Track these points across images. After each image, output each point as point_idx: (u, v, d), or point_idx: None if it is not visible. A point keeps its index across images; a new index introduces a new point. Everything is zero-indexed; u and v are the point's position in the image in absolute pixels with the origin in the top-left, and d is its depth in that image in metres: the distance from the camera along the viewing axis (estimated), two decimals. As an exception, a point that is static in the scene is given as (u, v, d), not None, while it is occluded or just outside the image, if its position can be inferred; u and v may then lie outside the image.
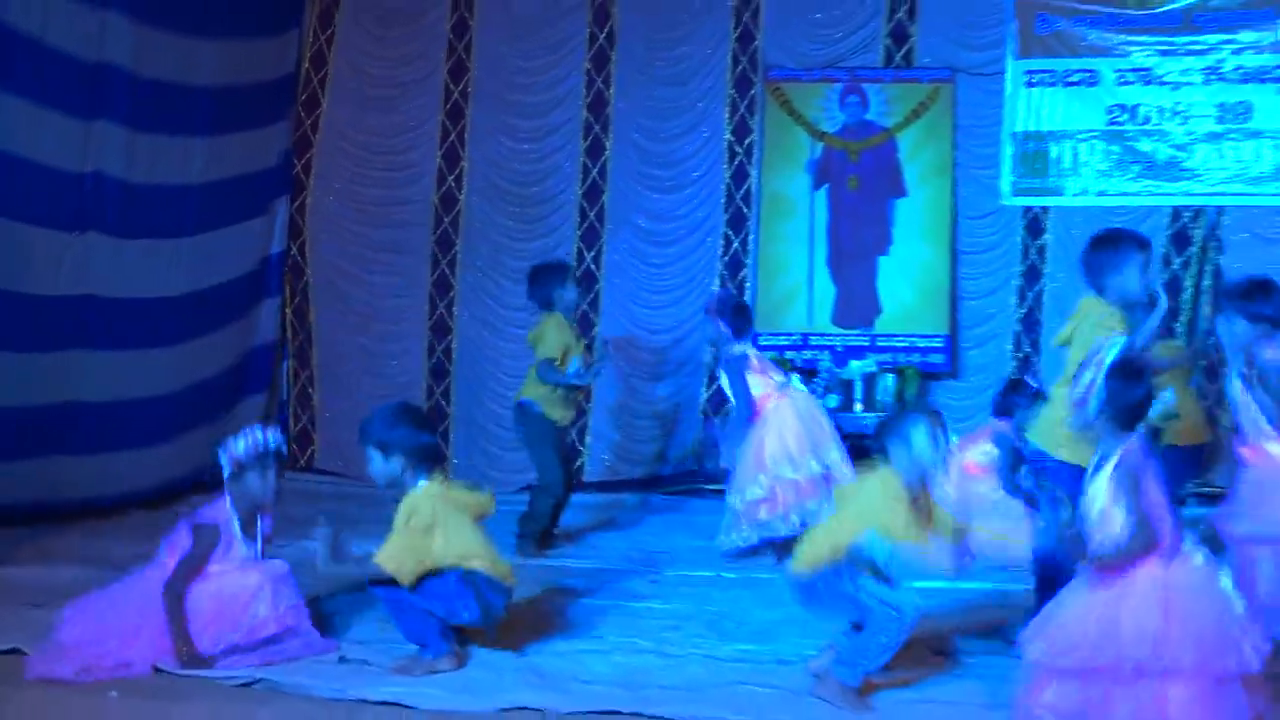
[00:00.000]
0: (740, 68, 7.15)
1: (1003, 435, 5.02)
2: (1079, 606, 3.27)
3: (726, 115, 7.19)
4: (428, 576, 4.07)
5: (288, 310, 7.67)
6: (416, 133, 7.38)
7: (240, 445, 4.28)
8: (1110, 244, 4.01)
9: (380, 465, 4.19)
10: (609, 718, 3.72)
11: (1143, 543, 3.24)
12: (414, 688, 3.98)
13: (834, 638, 3.78)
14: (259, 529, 4.29)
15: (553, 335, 5.70)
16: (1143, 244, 3.98)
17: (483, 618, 4.17)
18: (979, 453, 5.19)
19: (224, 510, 4.20)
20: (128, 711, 3.92)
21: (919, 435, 3.83)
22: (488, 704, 3.84)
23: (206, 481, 5.30)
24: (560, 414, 5.77)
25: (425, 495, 4.11)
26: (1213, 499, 5.12)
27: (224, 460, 4.27)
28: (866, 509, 3.90)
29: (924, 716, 3.59)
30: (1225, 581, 3.29)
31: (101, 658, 4.03)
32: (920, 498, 3.83)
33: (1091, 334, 3.78)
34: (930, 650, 3.94)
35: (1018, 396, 5.07)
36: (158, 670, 4.12)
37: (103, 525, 6.15)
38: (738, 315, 5.66)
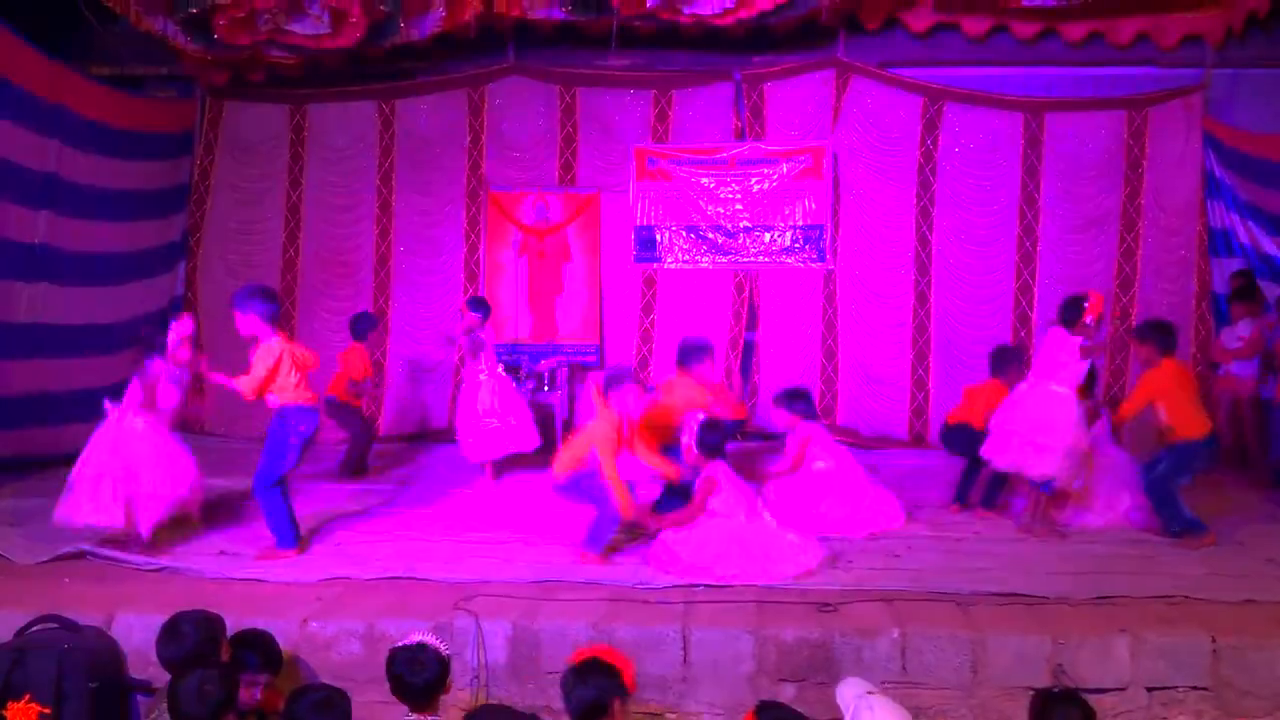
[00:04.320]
0: (472, 184, 9.46)
1: None
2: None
3: (465, 213, 9.49)
4: (275, 415, 5.45)
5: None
6: (269, 221, 9.62)
7: (183, 324, 5.68)
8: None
9: (242, 321, 5.40)
10: (391, 581, 5.12)
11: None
12: (269, 568, 5.31)
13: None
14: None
15: (357, 357, 7.88)
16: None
17: (311, 428, 5.49)
18: None
19: (162, 370, 5.58)
20: (76, 592, 4.90)
21: (628, 391, 5.53)
22: (315, 576, 5.24)
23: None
24: (353, 402, 7.90)
25: (275, 345, 5.46)
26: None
27: (170, 333, 5.55)
28: (594, 436, 5.45)
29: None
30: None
31: (101, 516, 5.30)
32: (626, 430, 5.50)
33: None
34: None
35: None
36: (91, 555, 5.32)
37: (62, 470, 6.39)
38: (481, 306, 7.78)
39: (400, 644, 3.54)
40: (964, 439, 6.74)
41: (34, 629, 3.77)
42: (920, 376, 9.24)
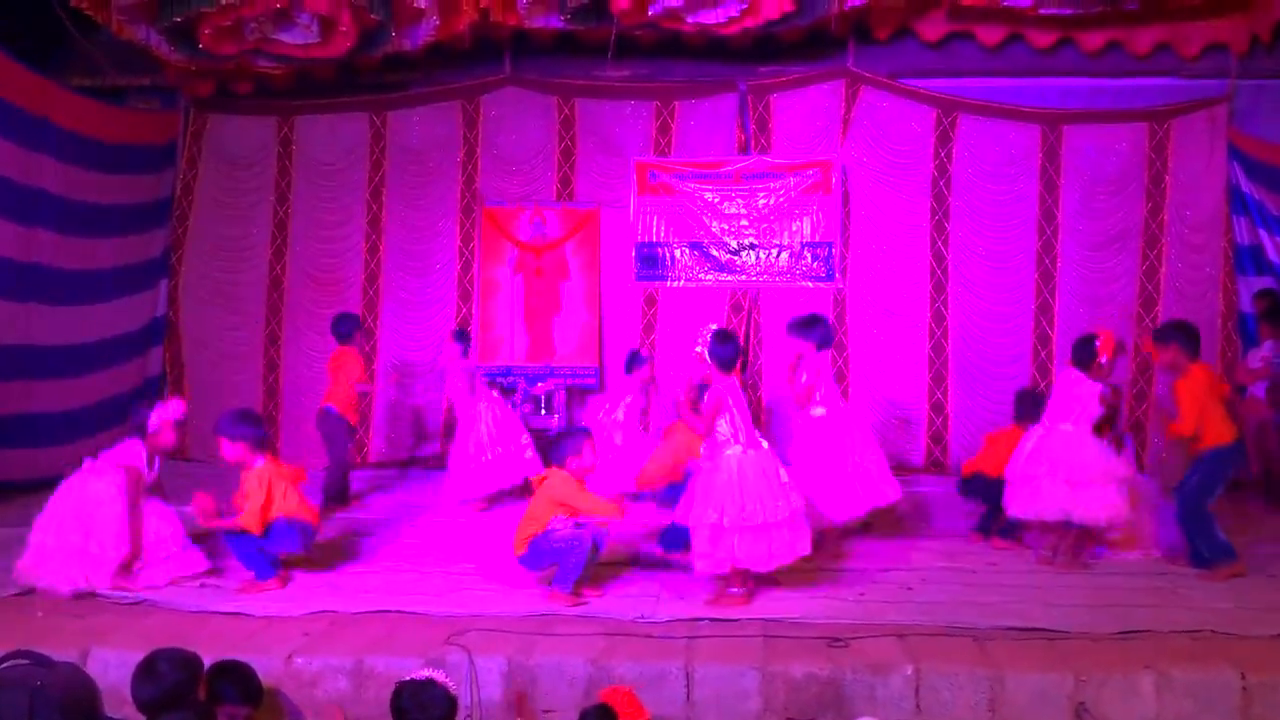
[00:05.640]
0: (466, 199, 9.51)
1: None
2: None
3: (458, 229, 9.53)
4: (268, 526, 5.42)
5: (168, 353, 9.65)
6: (254, 238, 9.68)
7: (170, 408, 5.74)
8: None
9: (229, 449, 5.50)
10: (380, 615, 5.06)
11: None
12: (251, 602, 5.25)
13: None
14: (156, 466, 5.68)
15: (350, 360, 7.76)
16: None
17: (301, 549, 5.56)
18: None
19: (139, 453, 5.61)
20: (49, 626, 4.81)
21: (584, 449, 5.49)
22: (300, 609, 5.11)
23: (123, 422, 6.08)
24: (352, 415, 7.86)
25: (263, 469, 5.50)
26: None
27: (153, 416, 5.61)
28: (557, 497, 5.40)
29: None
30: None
31: (58, 578, 5.23)
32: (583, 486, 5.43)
33: None
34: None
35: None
36: (77, 596, 5.23)
37: (37, 498, 6.37)
38: (462, 339, 7.93)
39: (407, 678, 3.51)
40: (981, 487, 6.71)
41: (4, 665, 3.73)
42: (938, 400, 9.23)
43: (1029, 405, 6.83)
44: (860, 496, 6.34)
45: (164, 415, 5.72)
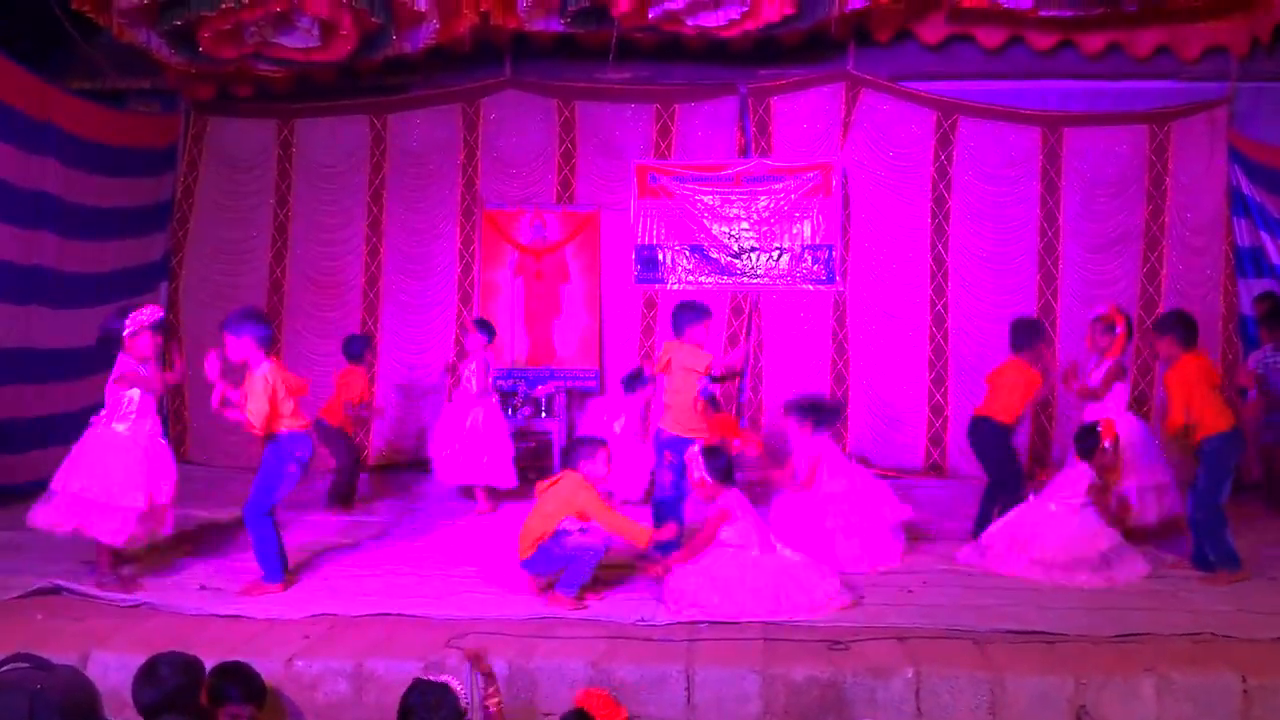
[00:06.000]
0: (466, 202, 9.52)
1: None
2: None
3: (459, 232, 9.54)
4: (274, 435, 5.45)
5: (166, 356, 9.57)
6: (254, 241, 9.68)
7: (144, 312, 5.57)
8: (692, 310, 6.14)
9: (234, 345, 5.38)
10: (380, 618, 5.09)
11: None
12: (252, 604, 5.25)
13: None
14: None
15: (356, 380, 7.86)
16: (703, 310, 6.12)
17: (310, 453, 5.53)
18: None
19: (129, 365, 5.51)
20: (49, 629, 4.82)
21: (599, 457, 5.56)
22: (300, 612, 5.15)
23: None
24: (347, 427, 7.88)
25: (268, 371, 5.46)
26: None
27: (126, 323, 5.42)
28: (577, 503, 5.40)
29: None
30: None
31: (87, 522, 5.33)
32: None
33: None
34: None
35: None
36: (67, 591, 5.29)
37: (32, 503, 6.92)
38: (485, 329, 7.90)
39: (425, 677, 3.55)
40: (988, 434, 6.69)
41: (4, 668, 3.72)
42: (937, 403, 9.24)
43: (1025, 333, 6.80)
44: (871, 556, 6.28)
45: (139, 320, 5.56)
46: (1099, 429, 6.15)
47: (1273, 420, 7.77)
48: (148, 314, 5.63)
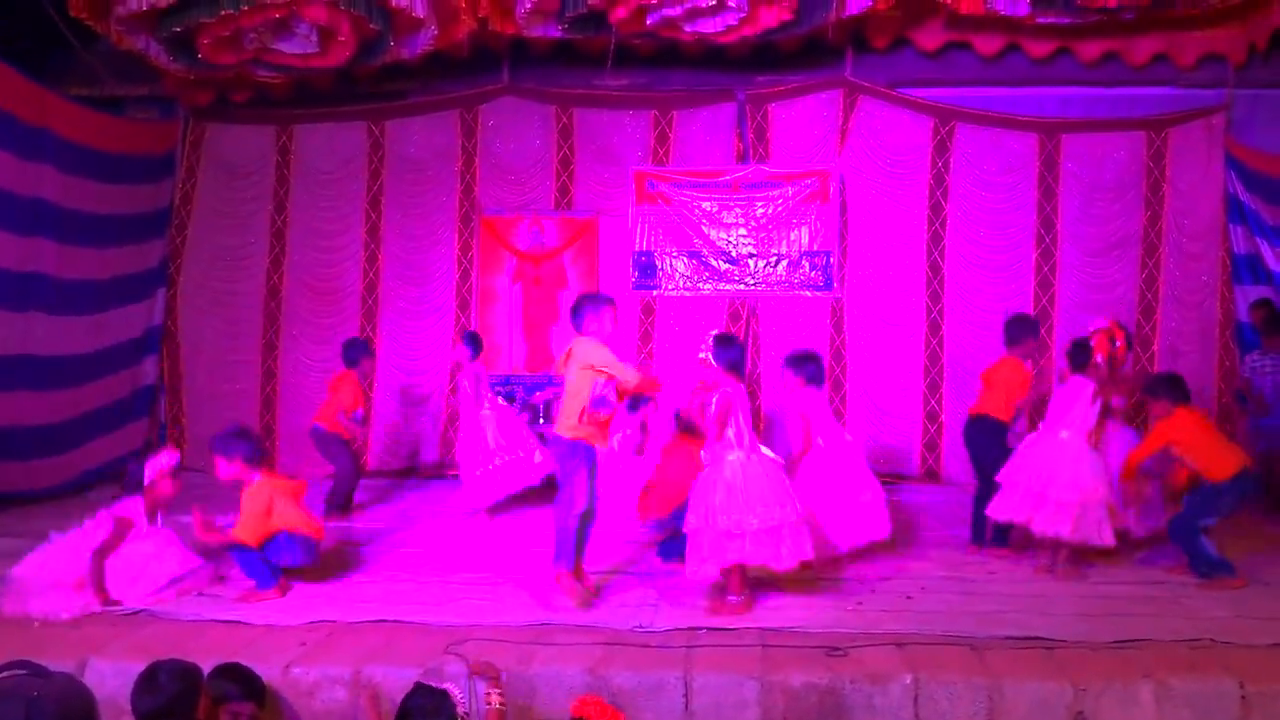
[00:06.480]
0: (464, 208, 9.53)
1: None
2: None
3: (457, 238, 9.54)
4: (268, 539, 5.45)
5: (164, 362, 9.67)
6: (252, 247, 9.68)
7: (162, 458, 5.70)
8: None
9: (225, 467, 5.51)
10: (378, 625, 5.06)
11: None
12: (249, 611, 5.27)
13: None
14: (159, 518, 5.64)
15: (349, 385, 7.71)
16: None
17: (305, 560, 5.57)
18: None
19: (138, 508, 5.58)
20: (46, 636, 4.88)
21: (604, 315, 5.47)
22: (298, 618, 5.14)
23: (119, 478, 6.19)
24: (342, 433, 7.70)
25: (261, 485, 5.51)
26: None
27: (146, 470, 5.57)
28: (595, 361, 5.34)
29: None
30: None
31: (56, 605, 5.14)
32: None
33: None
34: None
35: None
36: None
37: (31, 509, 7.39)
38: (472, 342, 7.87)
39: (426, 681, 3.57)
40: (985, 431, 6.67)
41: (0, 675, 3.75)
42: (933, 409, 9.25)
43: (1018, 329, 6.80)
44: (861, 527, 6.29)
45: (158, 467, 5.68)
46: (1091, 342, 6.11)
47: (1263, 426, 7.78)
48: (166, 459, 5.73)
